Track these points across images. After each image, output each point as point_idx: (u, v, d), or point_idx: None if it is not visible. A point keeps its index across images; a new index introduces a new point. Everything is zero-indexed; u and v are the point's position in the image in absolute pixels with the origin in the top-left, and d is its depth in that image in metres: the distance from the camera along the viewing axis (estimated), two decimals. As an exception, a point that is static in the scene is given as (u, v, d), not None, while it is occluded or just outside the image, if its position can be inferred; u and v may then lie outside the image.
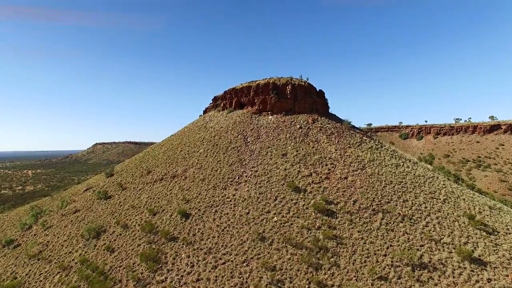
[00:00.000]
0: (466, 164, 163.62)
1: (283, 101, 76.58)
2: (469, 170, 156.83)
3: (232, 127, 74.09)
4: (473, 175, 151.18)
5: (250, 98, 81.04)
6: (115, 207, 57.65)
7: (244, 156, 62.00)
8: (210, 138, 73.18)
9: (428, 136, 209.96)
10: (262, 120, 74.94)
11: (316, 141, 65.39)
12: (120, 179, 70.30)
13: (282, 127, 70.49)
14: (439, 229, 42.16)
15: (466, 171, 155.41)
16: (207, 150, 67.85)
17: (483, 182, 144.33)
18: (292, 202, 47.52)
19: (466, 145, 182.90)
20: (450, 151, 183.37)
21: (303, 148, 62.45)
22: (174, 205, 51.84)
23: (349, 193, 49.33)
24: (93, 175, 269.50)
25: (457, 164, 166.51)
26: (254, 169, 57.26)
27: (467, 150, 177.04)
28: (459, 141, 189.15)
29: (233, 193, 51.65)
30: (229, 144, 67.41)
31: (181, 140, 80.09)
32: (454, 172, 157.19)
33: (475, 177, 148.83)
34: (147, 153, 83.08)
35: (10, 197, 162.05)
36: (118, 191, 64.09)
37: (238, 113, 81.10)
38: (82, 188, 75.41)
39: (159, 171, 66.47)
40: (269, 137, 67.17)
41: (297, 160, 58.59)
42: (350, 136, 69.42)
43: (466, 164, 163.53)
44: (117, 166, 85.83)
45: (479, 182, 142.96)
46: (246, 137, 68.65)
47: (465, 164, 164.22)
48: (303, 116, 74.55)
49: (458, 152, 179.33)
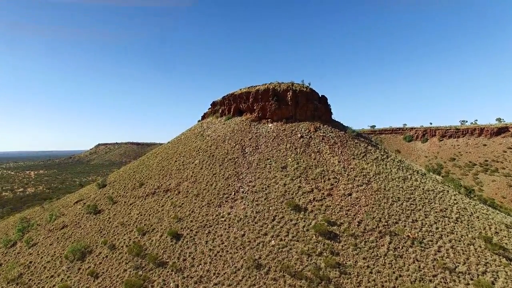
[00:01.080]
0: (472, 168, 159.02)
1: (284, 108, 72.82)
2: (476, 175, 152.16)
3: (230, 136, 70.43)
4: (480, 180, 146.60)
5: (249, 104, 77.35)
6: (104, 223, 54.18)
7: (241, 169, 58.31)
8: (206, 148, 69.54)
9: (433, 139, 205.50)
10: (261, 128, 71.22)
11: (318, 152, 61.60)
12: (112, 191, 66.88)
13: (282, 136, 66.74)
14: (453, 255, 38.32)
15: (473, 176, 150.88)
16: (202, 161, 64.23)
17: (490, 187, 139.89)
18: (292, 223, 43.76)
19: (472, 148, 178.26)
20: (456, 154, 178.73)
21: (304, 160, 58.69)
22: (165, 224, 48.27)
23: (354, 212, 45.53)
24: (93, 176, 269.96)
25: (463, 168, 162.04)
26: (251, 184, 53.56)
27: (474, 154, 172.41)
28: (465, 144, 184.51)
29: (228, 211, 47.98)
30: (226, 155, 63.75)
31: (176, 149, 76.57)
32: (460, 175, 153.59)
33: (483, 182, 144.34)
34: (142, 162, 79.64)
35: (10, 200, 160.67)
36: (108, 205, 60.64)
37: (236, 121, 77.45)
38: (73, 200, 72.09)
39: (152, 183, 62.94)
40: (268, 148, 63.45)
41: (297, 173, 54.84)
42: (354, 145, 65.56)
43: (473, 168, 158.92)
44: (110, 176, 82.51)
45: (487, 187, 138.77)
46: (244, 148, 64.96)
47: (472, 168, 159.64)
48: (304, 124, 70.75)
49: (464, 156, 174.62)
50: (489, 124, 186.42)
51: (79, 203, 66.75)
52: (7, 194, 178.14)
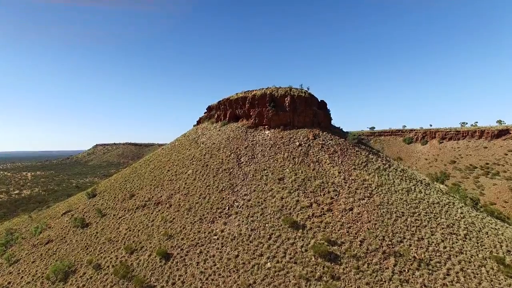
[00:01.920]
0: (473, 171, 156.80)
1: (281, 114, 69.83)
2: (476, 178, 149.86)
3: (225, 144, 67.40)
4: (481, 183, 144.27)
5: (246, 110, 74.35)
6: (91, 239, 51.13)
7: (236, 181, 55.31)
8: (200, 156, 66.51)
9: (433, 141, 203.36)
10: (258, 135, 68.20)
11: (317, 161, 58.66)
12: (101, 202, 63.79)
13: (280, 144, 63.77)
14: (464, 279, 35.45)
15: (474, 179, 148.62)
16: (196, 171, 61.22)
17: (492, 191, 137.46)
18: (289, 243, 40.79)
19: (472, 150, 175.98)
20: (456, 156, 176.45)
21: (302, 171, 55.73)
22: (155, 242, 45.25)
23: (355, 230, 42.61)
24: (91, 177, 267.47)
25: (464, 171, 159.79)
26: (246, 198, 50.56)
27: (474, 156, 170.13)
28: (466, 146, 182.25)
29: (222, 229, 44.95)
30: (221, 164, 60.73)
31: (170, 157, 73.52)
32: (460, 179, 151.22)
33: (484, 186, 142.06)
34: (134, 170, 76.53)
35: (4, 203, 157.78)
36: (97, 217, 57.60)
37: (232, 127, 74.42)
38: (61, 210, 68.97)
39: (143, 195, 59.90)
40: (265, 157, 60.46)
41: (295, 186, 51.87)
42: (355, 154, 62.65)
43: (474, 171, 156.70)
44: (101, 184, 79.44)
45: (488, 191, 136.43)
46: (240, 157, 61.96)
47: (472, 171, 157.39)
48: (303, 131, 67.78)
49: (465, 158, 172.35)
50: (489, 126, 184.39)
51: (67, 215, 63.66)
52: (2, 196, 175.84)
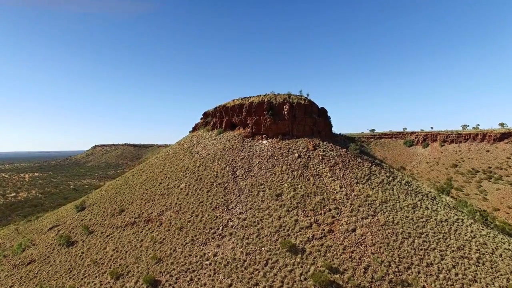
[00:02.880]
0: (475, 175, 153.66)
1: (280, 123, 66.52)
2: (479, 182, 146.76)
3: (220, 155, 64.03)
4: (484, 188, 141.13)
5: (242, 118, 71.00)
6: (76, 260, 47.78)
7: (231, 197, 51.96)
8: (194, 168, 63.14)
9: (434, 144, 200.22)
10: (255, 146, 64.87)
11: (317, 175, 55.38)
12: (89, 217, 60.44)
13: (278, 156, 60.46)
14: (479, 314, 32.28)
15: (476, 183, 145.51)
16: (189, 185, 57.87)
17: (495, 196, 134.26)
18: (287, 270, 37.47)
19: (475, 154, 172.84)
20: (458, 160, 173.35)
21: (301, 185, 52.44)
22: (143, 266, 41.91)
23: (359, 255, 39.33)
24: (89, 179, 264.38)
25: (466, 175, 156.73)
26: (242, 216, 47.22)
27: (476, 160, 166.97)
28: (467, 149, 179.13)
29: (215, 252, 41.63)
30: (215, 178, 57.38)
31: (163, 167, 70.14)
32: (462, 183, 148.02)
33: (487, 190, 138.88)
34: (126, 181, 73.09)
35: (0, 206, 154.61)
36: (83, 235, 54.26)
37: (228, 136, 71.06)
38: (48, 224, 65.60)
39: (133, 210, 56.55)
40: (262, 170, 57.14)
41: (294, 203, 48.56)
42: (357, 166, 59.39)
43: (476, 175, 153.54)
44: (92, 195, 75.92)
45: (491, 196, 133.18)
46: (235, 170, 58.60)
47: (475, 175, 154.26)
48: (302, 140, 64.51)
49: (467, 162, 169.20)
50: (491, 129, 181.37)
51: (54, 230, 60.31)
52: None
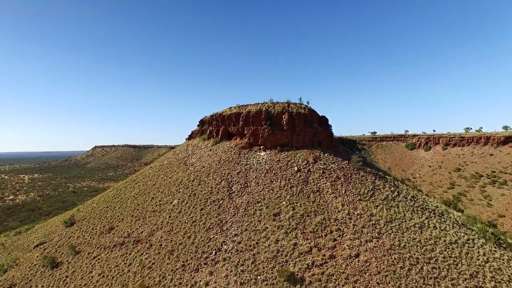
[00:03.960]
0: (479, 180, 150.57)
1: (278, 133, 63.28)
2: (483, 187, 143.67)
3: (216, 169, 60.82)
4: (488, 193, 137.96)
5: (239, 128, 67.77)
6: (59, 285, 44.69)
7: (226, 216, 48.71)
8: (188, 182, 59.93)
9: (436, 147, 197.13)
10: (252, 158, 61.63)
11: (318, 191, 52.14)
12: (77, 234, 57.34)
13: (276, 169, 57.21)
14: None
15: (480, 188, 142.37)
16: (182, 201, 54.66)
17: (500, 202, 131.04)
18: (285, 304, 34.32)
19: (478, 157, 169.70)
20: (461, 164, 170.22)
21: (301, 203, 49.19)
22: (129, 295, 38.80)
23: (363, 284, 36.08)
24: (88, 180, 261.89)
25: (470, 179, 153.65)
26: (237, 239, 43.96)
27: (480, 164, 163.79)
28: (471, 153, 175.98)
29: (207, 280, 38.41)
30: (209, 194, 54.15)
31: (156, 180, 66.96)
32: (466, 188, 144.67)
33: (491, 196, 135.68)
34: (118, 194, 69.94)
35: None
36: (69, 256, 51.19)
37: (224, 147, 67.84)
38: (35, 240, 62.52)
39: (123, 228, 53.39)
40: (259, 186, 53.88)
41: (293, 224, 45.31)
42: (360, 180, 56.10)
43: (480, 180, 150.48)
44: (82, 208, 72.70)
45: (496, 202, 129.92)
46: (231, 185, 55.37)
47: (478, 179, 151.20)
48: (302, 152, 61.27)
49: (470, 166, 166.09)
50: (495, 132, 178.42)
51: (39, 248, 57.21)
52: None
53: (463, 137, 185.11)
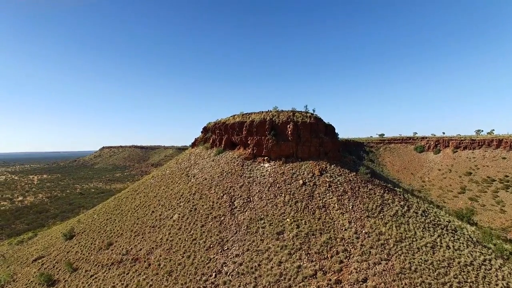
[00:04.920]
0: (491, 184, 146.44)
1: (283, 144, 61.02)
2: (495, 192, 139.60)
3: (218, 181, 58.80)
4: (501, 198, 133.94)
5: (243, 138, 65.67)
6: (55, 306, 43.15)
7: (227, 234, 46.61)
8: (189, 196, 58.01)
9: (446, 150, 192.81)
10: (255, 170, 59.47)
11: (323, 206, 49.77)
12: (76, 249, 55.89)
13: (280, 182, 54.96)
14: None
15: (492, 193, 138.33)
16: (182, 217, 52.74)
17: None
18: (288, 336, 32.14)
19: (490, 161, 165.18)
20: (472, 167, 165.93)
21: (306, 221, 46.88)
22: (125, 321, 37.02)
23: (372, 314, 33.80)
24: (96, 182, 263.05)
25: (481, 184, 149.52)
26: (238, 260, 41.84)
27: (492, 168, 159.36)
28: (482, 156, 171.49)
29: (206, 307, 36.48)
30: (211, 210, 52.13)
31: (157, 191, 65.23)
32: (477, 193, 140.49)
33: (504, 201, 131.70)
34: (119, 205, 68.42)
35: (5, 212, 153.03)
36: (66, 273, 49.70)
37: (227, 157, 65.82)
38: (34, 252, 61.29)
39: (121, 244, 51.69)
40: (262, 201, 51.69)
41: (297, 244, 43.04)
42: (368, 195, 53.59)
43: (492, 184, 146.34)
44: (83, 219, 71.29)
45: (510, 208, 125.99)
46: (233, 199, 53.28)
47: (490, 184, 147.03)
48: (307, 164, 58.94)
49: (481, 170, 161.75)
50: (508, 134, 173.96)
51: (37, 263, 55.88)
52: (5, 203, 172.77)
53: (474, 139, 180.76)
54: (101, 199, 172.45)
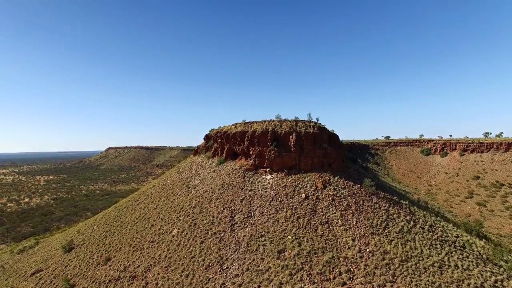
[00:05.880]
0: (500, 189, 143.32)
1: (285, 155, 59.53)
2: (504, 197, 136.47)
3: (218, 194, 57.52)
4: (510, 204, 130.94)
5: (245, 148, 64.31)
6: (51, 325, 42.22)
7: (227, 251, 45.26)
8: (189, 209, 56.79)
9: (453, 153, 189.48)
10: (257, 182, 58.07)
11: (326, 223, 48.21)
12: (74, 263, 55.06)
13: (282, 196, 53.49)
14: None
15: (501, 198, 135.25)
16: (181, 232, 51.52)
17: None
18: None
19: (499, 165, 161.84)
20: (480, 171, 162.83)
21: (308, 238, 45.36)
22: None
23: None
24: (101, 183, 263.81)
25: (490, 188, 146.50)
26: (237, 281, 40.44)
27: (501, 172, 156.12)
28: (490, 160, 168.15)
29: (203, 332, 35.18)
30: (211, 225, 50.82)
31: (158, 203, 64.19)
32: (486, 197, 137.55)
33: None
34: (119, 215, 67.58)
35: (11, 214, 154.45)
36: (64, 289, 48.74)
37: (228, 168, 64.51)
38: (33, 265, 60.58)
39: (119, 260, 50.67)
40: (263, 216, 50.26)
41: (298, 263, 41.55)
42: (373, 209, 51.90)
43: (501, 189, 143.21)
44: (83, 229, 70.53)
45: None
46: (234, 214, 51.93)
47: (499, 188, 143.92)
48: (310, 176, 57.41)
49: (490, 174, 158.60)
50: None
51: (35, 277, 55.13)
52: (11, 205, 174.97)
53: (482, 142, 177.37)
54: (106, 201, 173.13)
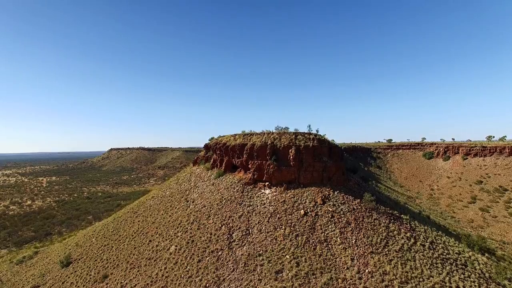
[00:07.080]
0: (503, 194, 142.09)
1: (284, 169, 58.90)
2: (508, 203, 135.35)
3: (216, 210, 56.98)
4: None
5: (243, 161, 63.75)
6: None
7: (224, 271, 44.70)
8: (187, 225, 56.29)
9: (456, 157, 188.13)
10: (256, 197, 57.48)
11: (325, 241, 47.56)
12: (71, 279, 54.66)
13: (281, 212, 52.89)
14: None
15: (505, 204, 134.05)
16: (179, 249, 51.01)
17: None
18: None
19: (502, 169, 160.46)
20: (483, 176, 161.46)
21: (306, 258, 44.73)
22: None
23: None
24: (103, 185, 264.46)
25: (493, 193, 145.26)
26: (234, 304, 40.06)
27: (504, 176, 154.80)
28: (494, 164, 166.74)
29: None
30: (208, 243, 50.26)
31: (156, 216, 63.74)
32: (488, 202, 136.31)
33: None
34: (117, 228, 67.21)
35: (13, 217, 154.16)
36: (60, 308, 48.41)
37: (227, 181, 63.94)
38: (31, 279, 60.26)
39: (116, 278, 50.21)
40: (261, 234, 49.66)
41: (296, 285, 40.88)
42: (372, 226, 51.20)
43: (504, 194, 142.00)
44: (81, 241, 70.18)
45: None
46: (232, 231, 51.35)
47: (503, 194, 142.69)
48: (309, 190, 56.79)
49: (493, 178, 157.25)
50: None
51: (34, 293, 54.86)
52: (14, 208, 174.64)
53: (485, 146, 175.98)
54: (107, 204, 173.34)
